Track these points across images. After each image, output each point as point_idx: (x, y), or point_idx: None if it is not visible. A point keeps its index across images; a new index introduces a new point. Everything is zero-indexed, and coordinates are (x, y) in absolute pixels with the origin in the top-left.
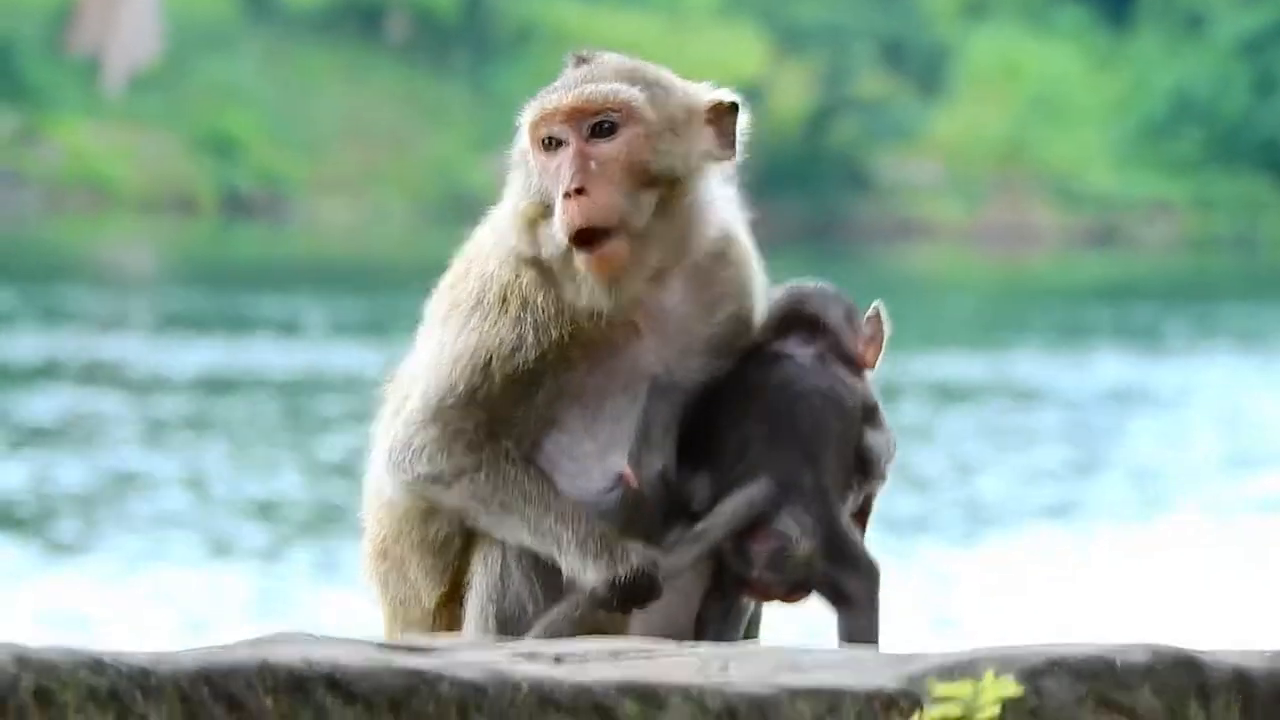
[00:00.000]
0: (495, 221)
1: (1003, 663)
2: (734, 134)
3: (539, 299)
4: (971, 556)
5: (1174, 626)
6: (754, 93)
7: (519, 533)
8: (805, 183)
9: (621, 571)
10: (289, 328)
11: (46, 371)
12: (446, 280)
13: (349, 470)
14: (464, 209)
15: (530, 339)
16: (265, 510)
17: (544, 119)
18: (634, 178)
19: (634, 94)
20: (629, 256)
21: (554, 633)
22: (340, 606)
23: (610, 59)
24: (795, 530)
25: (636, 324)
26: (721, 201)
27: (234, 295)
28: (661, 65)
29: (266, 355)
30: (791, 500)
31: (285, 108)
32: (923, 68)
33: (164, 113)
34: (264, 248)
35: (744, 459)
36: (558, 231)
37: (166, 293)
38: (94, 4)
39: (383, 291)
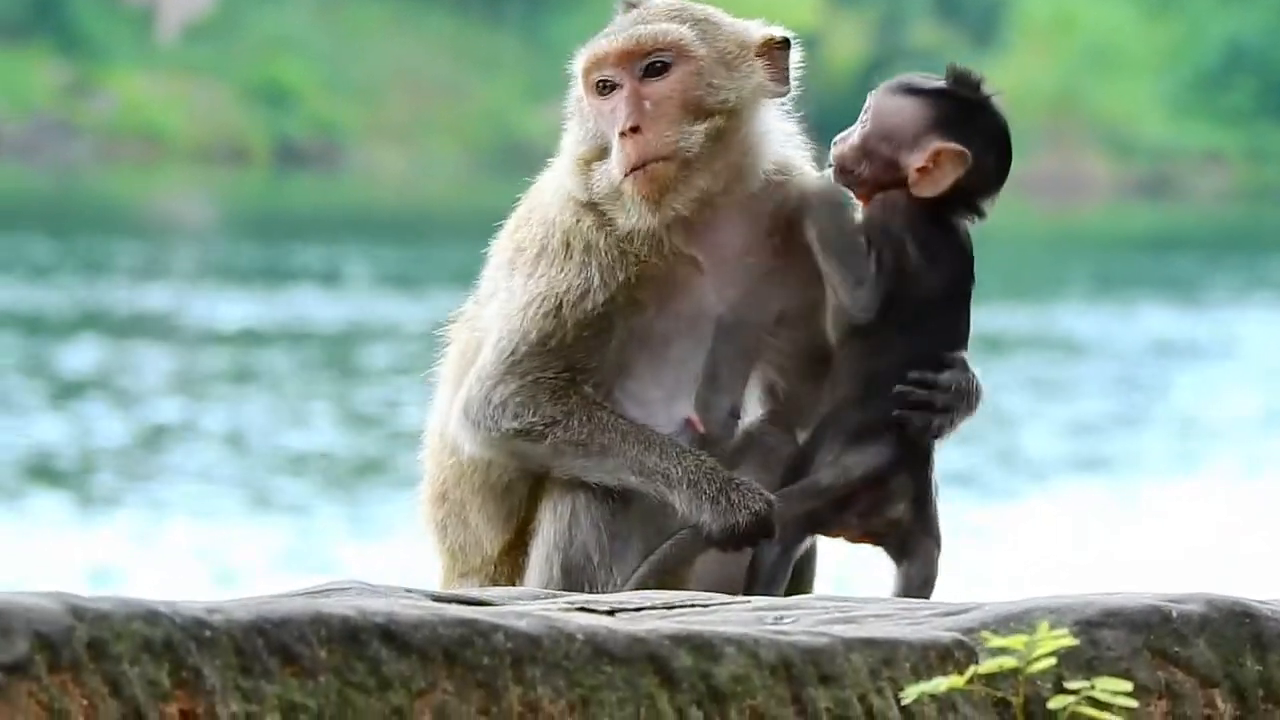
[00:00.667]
0: (555, 169)
1: (1057, 614)
2: (787, 69)
3: (600, 242)
4: (1015, 510)
5: (1226, 579)
6: (808, 43)
7: (622, 473)
8: None
9: (742, 518)
10: (340, 279)
11: (94, 323)
12: (509, 226)
13: (390, 422)
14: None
15: (597, 281)
16: (301, 463)
17: (596, 63)
18: (688, 113)
19: (683, 32)
20: (675, 176)
21: (663, 570)
22: (379, 560)
23: (660, 2)
24: (900, 491)
25: (698, 261)
26: (779, 134)
27: (286, 245)
28: (710, 5)
29: (315, 307)
30: (905, 466)
31: (338, 57)
32: (976, 18)
33: (217, 62)
34: (316, 197)
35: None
36: (613, 168)
37: (218, 243)
38: None
39: (435, 242)
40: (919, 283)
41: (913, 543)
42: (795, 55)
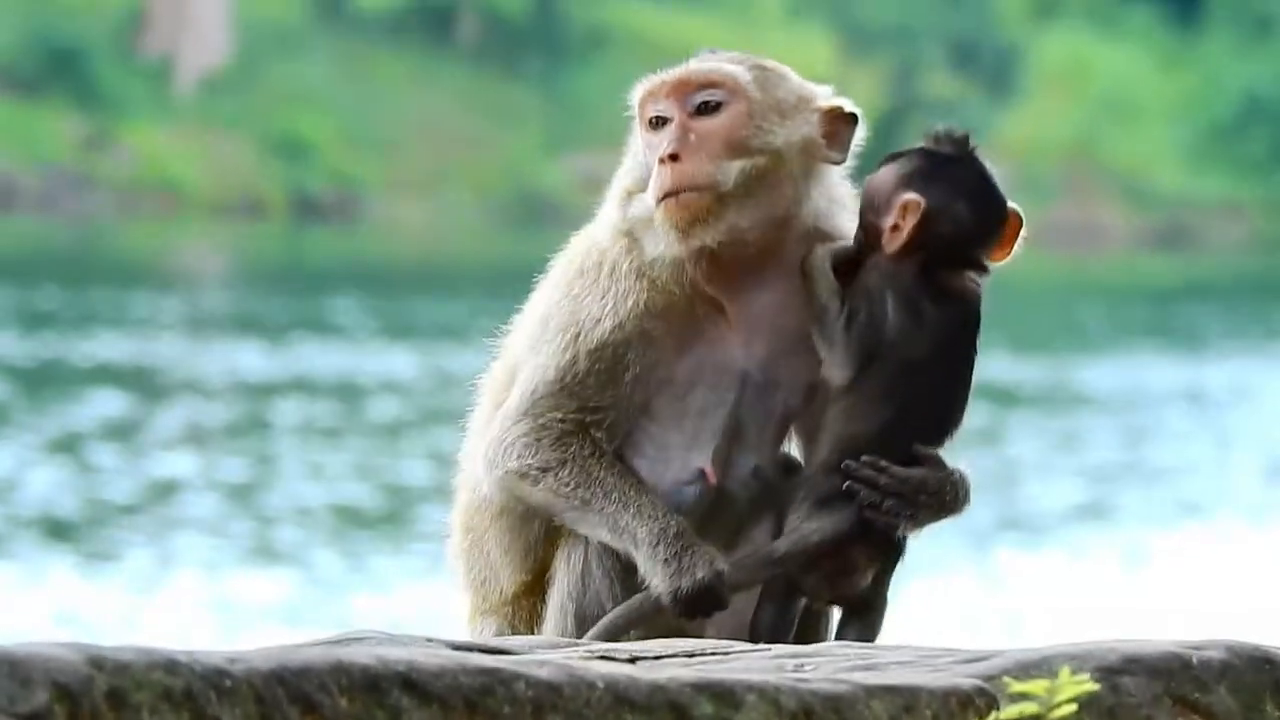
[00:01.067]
0: (606, 200)
1: (1079, 660)
2: (847, 141)
3: (624, 266)
4: (1035, 559)
5: (1245, 627)
6: None
7: (598, 529)
8: None
9: (685, 583)
10: (357, 332)
11: (114, 376)
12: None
13: (402, 478)
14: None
15: (610, 306)
16: (309, 515)
17: (650, 95)
18: (732, 150)
19: (740, 72)
20: (707, 208)
21: (618, 629)
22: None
23: (729, 53)
24: (863, 562)
25: (725, 310)
26: (830, 197)
27: (304, 299)
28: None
29: (331, 360)
30: (867, 536)
31: (356, 110)
32: (992, 69)
33: (235, 116)
34: (334, 250)
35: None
36: (649, 194)
37: (235, 296)
38: (164, 7)
39: (454, 295)
40: (901, 347)
41: (872, 602)
42: (860, 133)
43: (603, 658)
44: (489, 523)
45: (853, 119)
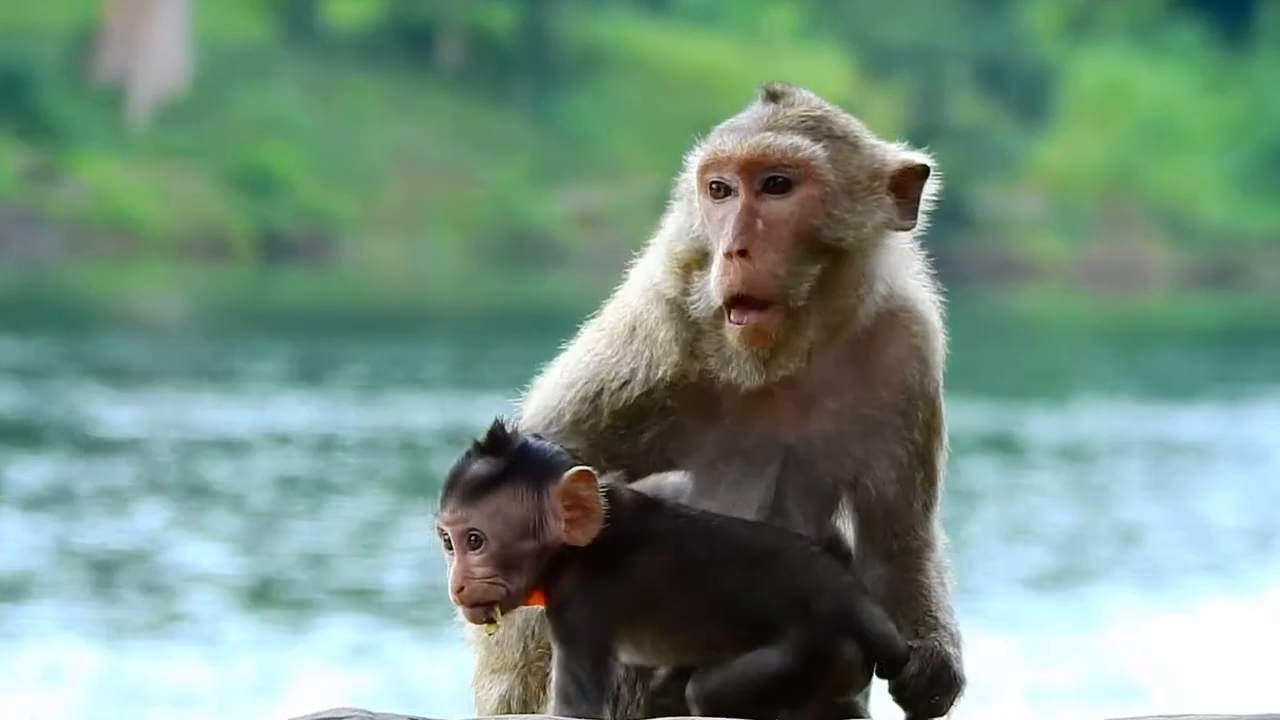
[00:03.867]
0: (647, 258)
1: None
2: (919, 200)
3: (662, 335)
4: (1067, 621)
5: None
6: None
7: None
8: None
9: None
10: (329, 380)
11: (57, 432)
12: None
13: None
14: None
15: (641, 375)
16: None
17: (715, 164)
18: (802, 243)
19: (815, 151)
20: (783, 332)
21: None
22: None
23: (803, 101)
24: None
25: (771, 390)
26: (897, 270)
27: (271, 345)
28: (849, 115)
29: (300, 411)
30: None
31: (328, 140)
32: (1023, 92)
33: (195, 146)
34: (305, 292)
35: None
36: (713, 291)
37: (197, 343)
38: (118, 28)
39: (435, 340)
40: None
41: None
42: (931, 186)
43: None
44: None
45: (924, 173)
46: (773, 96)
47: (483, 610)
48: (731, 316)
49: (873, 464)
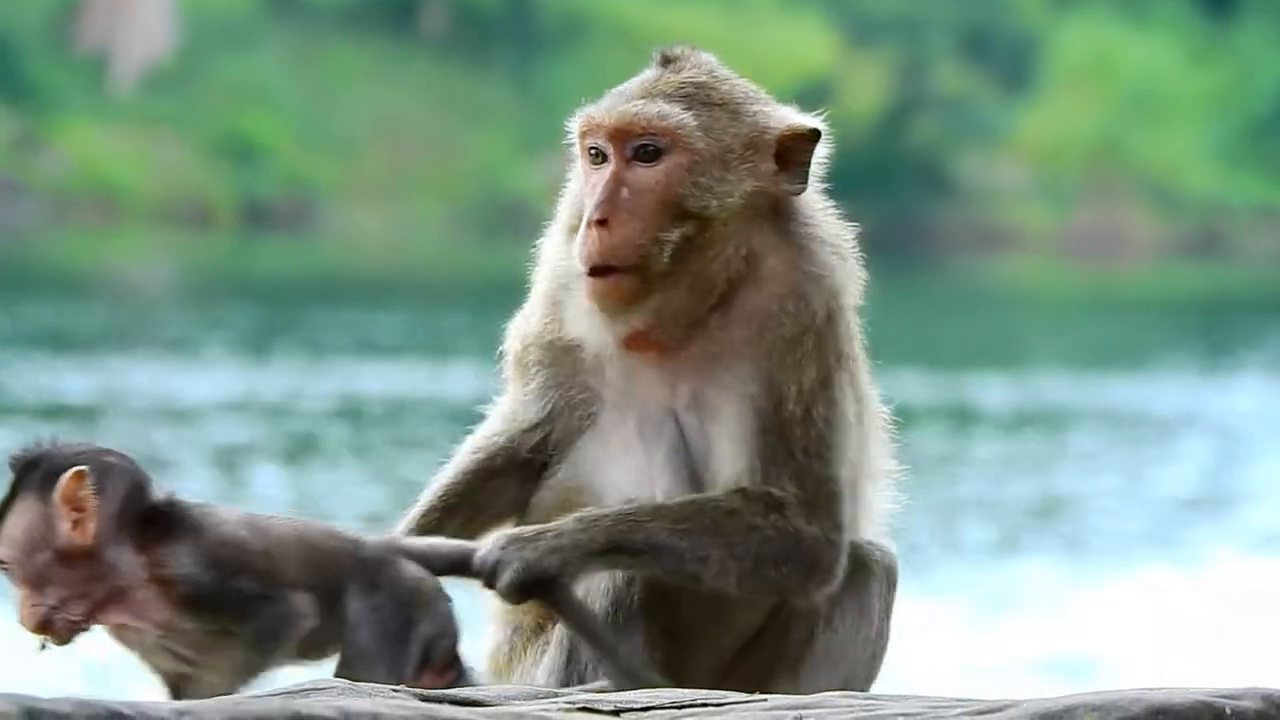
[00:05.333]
0: (551, 233)
1: (1101, 711)
2: (808, 164)
3: (544, 296)
4: (1068, 592)
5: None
6: (823, 89)
7: None
8: (879, 187)
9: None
10: (313, 349)
11: (51, 403)
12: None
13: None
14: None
15: (535, 331)
16: None
17: (590, 131)
18: (665, 211)
19: (684, 120)
20: (634, 294)
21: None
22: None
23: (693, 66)
24: None
25: (652, 356)
26: (784, 232)
27: (254, 314)
28: (742, 81)
29: (285, 380)
30: None
31: (311, 108)
32: (1007, 61)
33: (178, 114)
34: (288, 261)
35: None
36: (575, 254)
37: (179, 312)
38: None
39: (418, 309)
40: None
41: None
42: (821, 149)
43: (584, 709)
44: None
45: (814, 136)
46: (666, 61)
47: (57, 634)
48: (589, 279)
49: (739, 420)
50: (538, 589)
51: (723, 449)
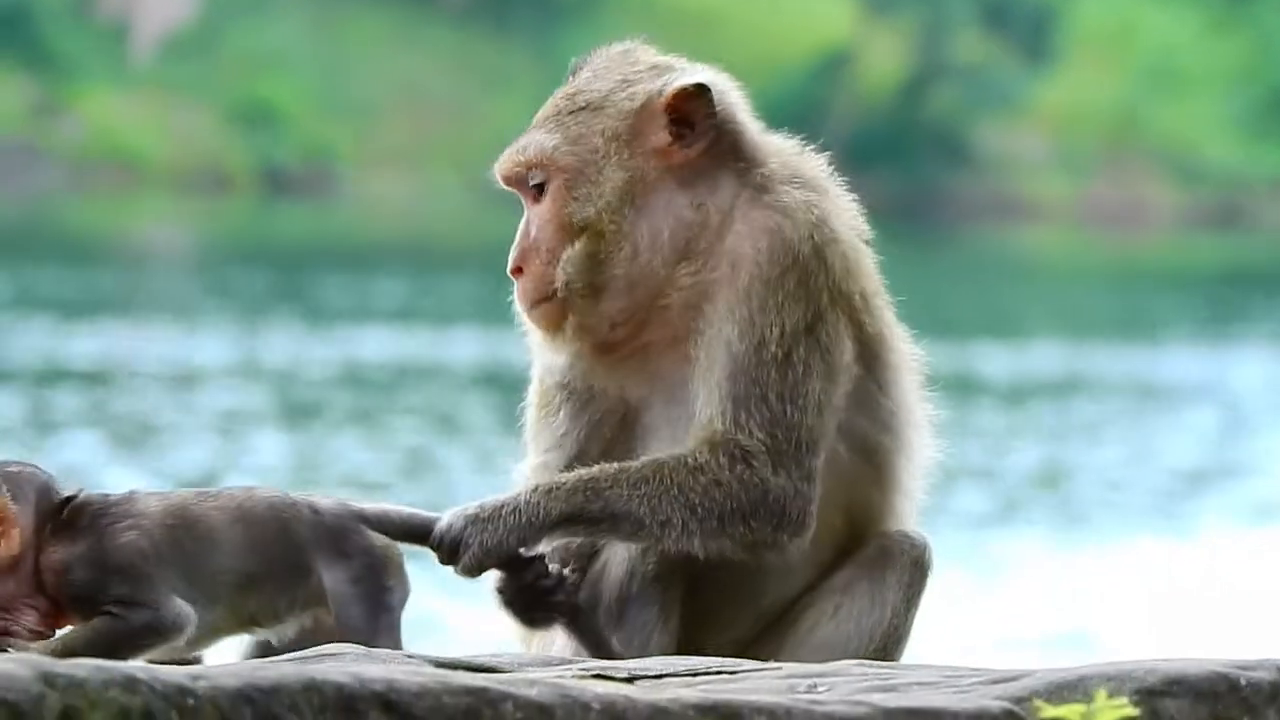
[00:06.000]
0: None
1: (1116, 681)
2: (700, 120)
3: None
4: (1070, 563)
5: None
6: (843, 58)
7: None
8: (898, 156)
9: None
10: (331, 316)
11: (64, 366)
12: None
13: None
14: None
15: (556, 444)
16: None
17: (501, 180)
18: (562, 234)
19: (544, 144)
20: (558, 317)
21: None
22: None
23: (587, 72)
24: None
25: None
26: (727, 185)
27: (272, 281)
28: (634, 63)
29: (304, 346)
30: None
31: (330, 74)
32: (1027, 30)
33: (197, 81)
34: (306, 228)
35: None
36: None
37: (197, 278)
38: None
39: (437, 277)
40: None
41: None
42: (726, 96)
43: (598, 676)
44: None
45: (697, 91)
46: (577, 71)
47: (23, 643)
48: (526, 316)
49: (714, 363)
50: (497, 565)
51: (698, 392)
